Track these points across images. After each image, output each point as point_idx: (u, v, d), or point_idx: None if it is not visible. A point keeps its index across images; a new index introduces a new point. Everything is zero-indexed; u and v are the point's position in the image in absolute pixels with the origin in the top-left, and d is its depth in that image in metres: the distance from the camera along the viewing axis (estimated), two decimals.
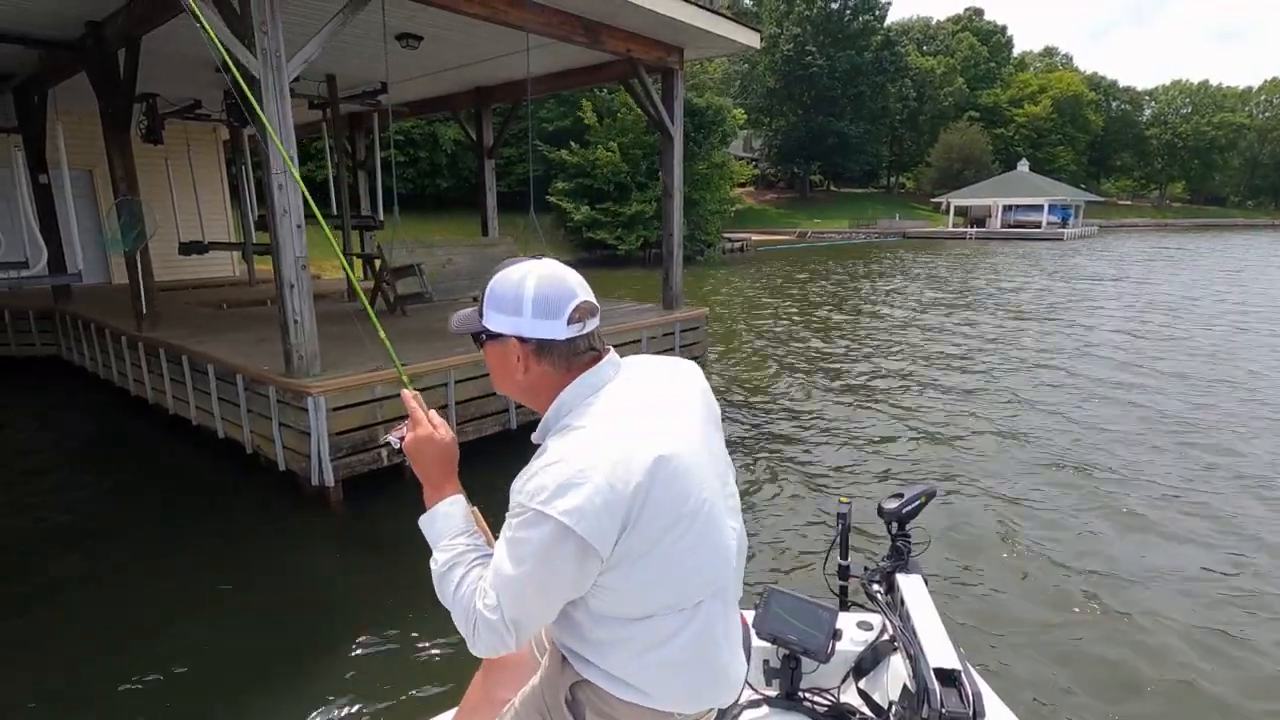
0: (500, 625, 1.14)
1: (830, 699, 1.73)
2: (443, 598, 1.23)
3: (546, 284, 1.19)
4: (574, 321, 1.19)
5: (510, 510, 1.13)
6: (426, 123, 25.76)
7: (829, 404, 7.74)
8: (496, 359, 1.25)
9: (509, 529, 1.13)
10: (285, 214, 4.93)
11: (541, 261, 1.23)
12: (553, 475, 1.08)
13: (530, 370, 1.22)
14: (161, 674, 3.27)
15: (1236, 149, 73.61)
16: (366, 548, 4.73)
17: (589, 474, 1.07)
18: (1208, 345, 10.62)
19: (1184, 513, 4.86)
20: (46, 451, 6.65)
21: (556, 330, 1.18)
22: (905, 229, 47.97)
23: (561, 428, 1.18)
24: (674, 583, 1.17)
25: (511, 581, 1.12)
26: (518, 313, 1.18)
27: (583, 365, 1.22)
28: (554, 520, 1.06)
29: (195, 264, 12.12)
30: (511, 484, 1.14)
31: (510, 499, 1.13)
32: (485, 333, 1.24)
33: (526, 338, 1.19)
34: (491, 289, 1.22)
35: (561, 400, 1.21)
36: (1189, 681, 3.14)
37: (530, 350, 1.20)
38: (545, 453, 1.14)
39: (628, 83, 8.25)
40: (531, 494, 1.09)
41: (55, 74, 7.58)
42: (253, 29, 4.65)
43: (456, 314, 1.31)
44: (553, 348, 1.20)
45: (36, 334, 9.54)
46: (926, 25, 69.36)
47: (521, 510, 1.10)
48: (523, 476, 1.14)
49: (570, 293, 1.19)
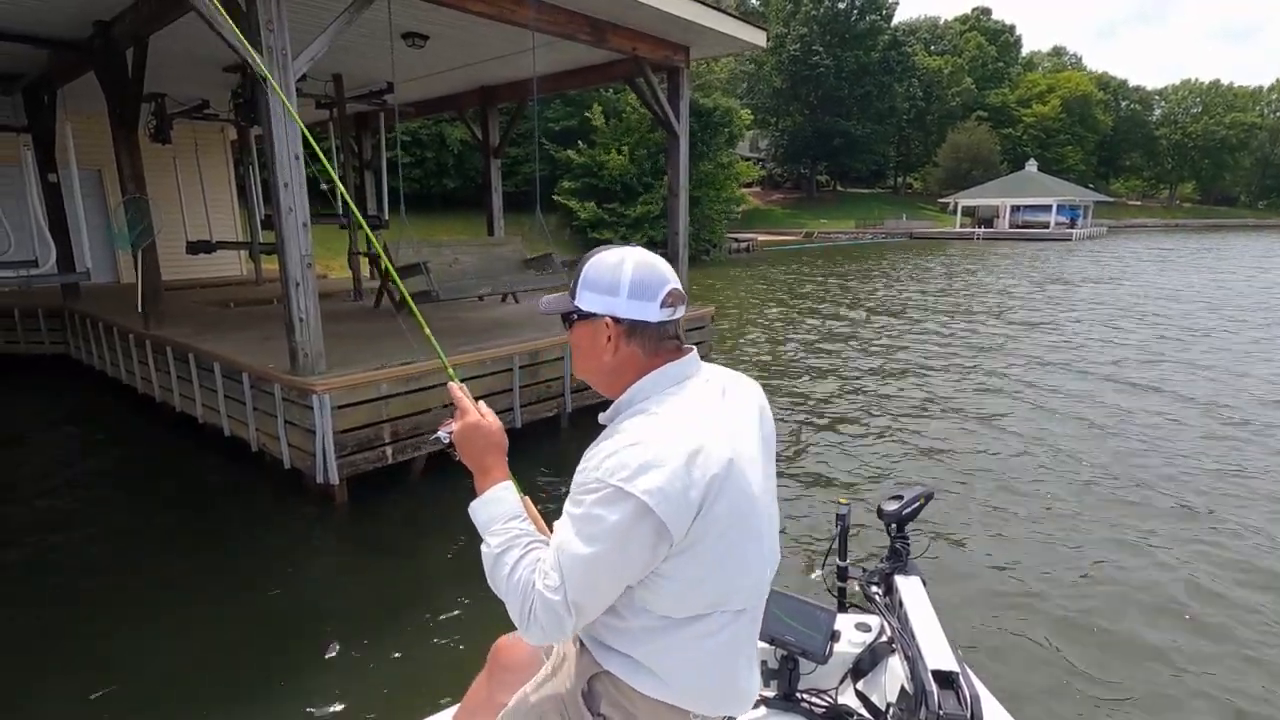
0: (561, 607, 1.12)
1: (828, 700, 1.73)
2: (495, 582, 1.22)
3: (643, 268, 1.22)
4: (666, 305, 1.21)
5: (580, 488, 1.13)
6: (433, 122, 25.80)
7: (830, 404, 7.73)
8: (586, 339, 1.27)
9: (579, 506, 1.12)
10: (291, 212, 4.95)
11: (636, 248, 1.27)
12: (635, 455, 1.09)
13: (619, 351, 1.24)
14: (165, 672, 3.29)
15: (1248, 149, 73.14)
16: (371, 546, 4.74)
17: (670, 458, 1.08)
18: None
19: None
20: (53, 449, 6.70)
21: (649, 312, 1.21)
22: (912, 229, 47.82)
23: (637, 411, 1.20)
24: (723, 583, 1.19)
25: (580, 561, 1.10)
26: (614, 293, 1.21)
27: (667, 352, 1.25)
28: (635, 498, 1.06)
29: (202, 263, 12.14)
30: (580, 464, 1.16)
31: (577, 477, 1.14)
32: (577, 312, 1.25)
33: (620, 318, 1.22)
34: (586, 271, 1.24)
35: (641, 385, 1.24)
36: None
37: (622, 331, 1.22)
38: (621, 433, 1.15)
39: (633, 82, 8.25)
40: (611, 470, 1.09)
41: (64, 74, 7.62)
42: (259, 28, 4.66)
43: (546, 298, 1.33)
44: (644, 330, 1.22)
45: (45, 332, 9.60)
46: (934, 25, 69.10)
47: (599, 486, 1.09)
48: (596, 454, 1.14)
49: (664, 278, 1.22)
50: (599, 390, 1.32)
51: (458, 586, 4.02)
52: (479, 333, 6.79)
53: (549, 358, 6.35)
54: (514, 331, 6.86)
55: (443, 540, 4.63)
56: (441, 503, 5.16)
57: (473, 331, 6.87)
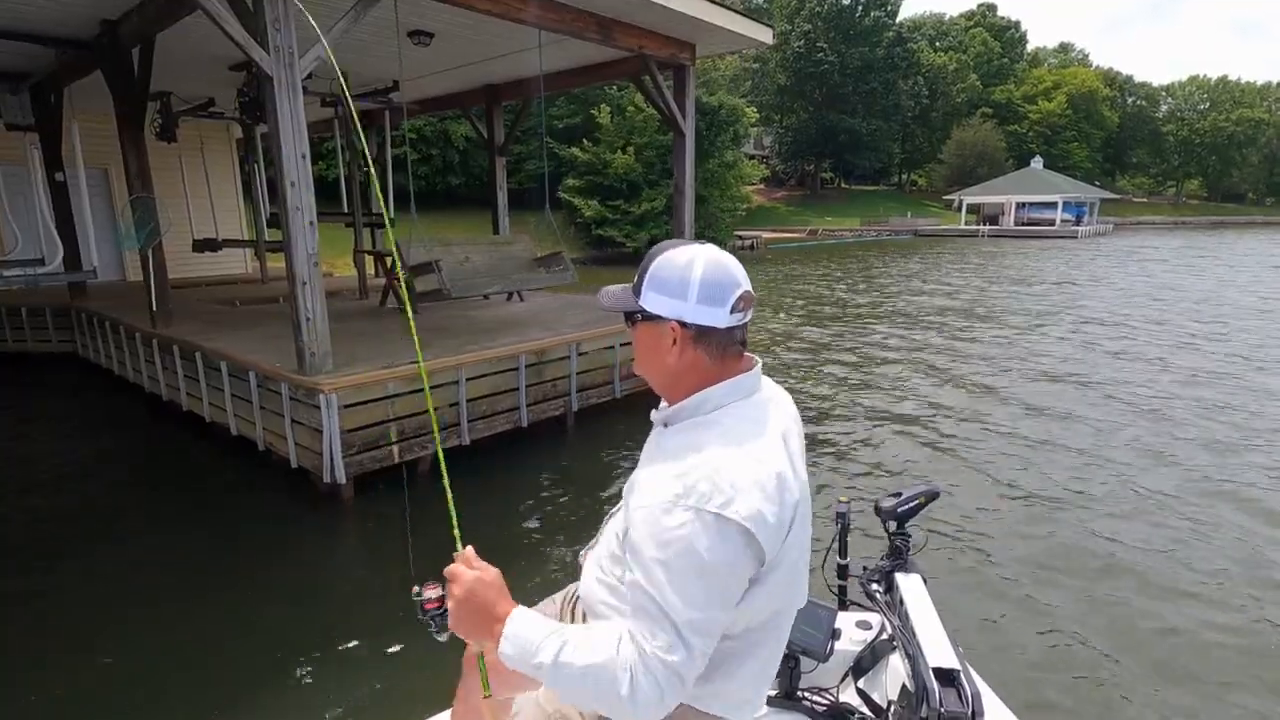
0: (684, 665, 1.00)
1: (829, 698, 1.74)
2: (569, 684, 1.06)
3: (714, 269, 1.15)
4: (736, 310, 1.16)
5: (662, 528, 1.02)
6: (438, 120, 25.84)
7: (830, 404, 7.73)
8: (649, 340, 1.20)
9: (670, 546, 1.01)
10: (298, 211, 4.97)
11: (706, 246, 1.19)
12: (726, 478, 1.03)
13: (684, 355, 1.17)
14: (169, 670, 3.32)
15: (1255, 145, 72.64)
16: (378, 545, 4.77)
17: (764, 481, 1.05)
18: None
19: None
20: (60, 447, 6.74)
21: (719, 318, 1.15)
22: (917, 227, 47.67)
23: (705, 422, 1.15)
24: (785, 603, 1.19)
25: (695, 604, 1.00)
26: (682, 297, 1.14)
27: (733, 358, 1.20)
28: (737, 524, 1.01)
29: (209, 261, 12.21)
30: (644, 492, 1.08)
31: (652, 512, 1.04)
32: (641, 313, 1.19)
33: (689, 323, 1.15)
34: (654, 270, 1.17)
35: (711, 394, 1.17)
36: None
37: (690, 335, 1.16)
38: (696, 451, 1.08)
39: (639, 79, 8.26)
40: (705, 496, 1.02)
41: (71, 73, 7.66)
42: (265, 26, 4.68)
43: (607, 290, 1.26)
44: (712, 335, 1.16)
45: (53, 330, 9.65)
46: (939, 21, 68.83)
47: (692, 517, 1.01)
48: (668, 481, 1.06)
49: (735, 281, 1.16)
50: (656, 390, 1.26)
51: None
52: (485, 331, 6.81)
53: (555, 357, 6.36)
54: (520, 330, 6.88)
55: (448, 539, 4.64)
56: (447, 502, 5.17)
57: (479, 330, 6.89)
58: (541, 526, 4.80)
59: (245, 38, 4.70)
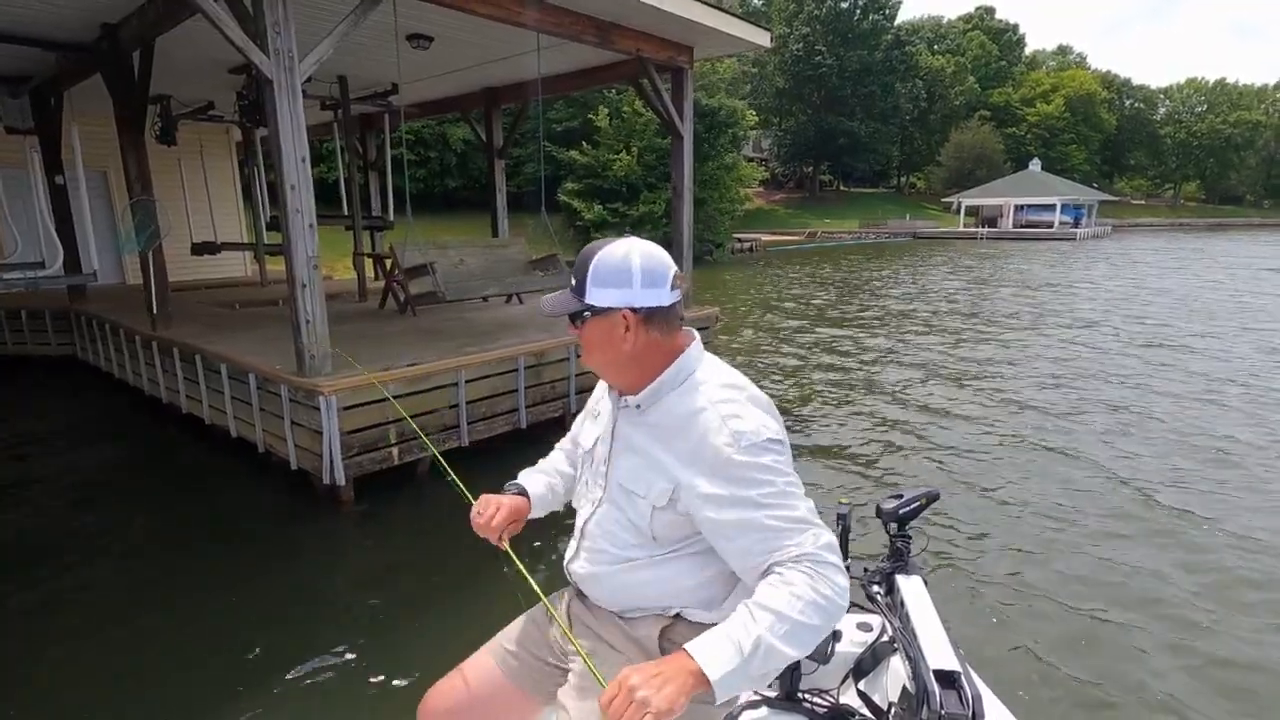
0: (825, 534, 1.21)
1: (830, 700, 1.74)
2: (797, 651, 1.10)
3: (649, 256, 1.28)
4: (675, 288, 1.29)
5: (739, 465, 1.20)
6: (436, 123, 25.89)
7: (829, 403, 7.74)
8: (600, 334, 1.31)
9: (754, 478, 1.19)
10: (297, 214, 4.98)
11: (632, 238, 1.31)
12: (752, 415, 1.24)
13: (639, 339, 1.29)
14: (167, 670, 3.32)
15: (1253, 147, 72.83)
16: (377, 546, 4.77)
17: (766, 408, 1.29)
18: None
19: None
20: (60, 449, 6.73)
21: (663, 297, 1.28)
22: (916, 229, 47.75)
23: (690, 386, 1.31)
24: None
25: (799, 499, 1.22)
26: (627, 285, 1.26)
27: (678, 331, 1.34)
28: (780, 440, 1.25)
29: (208, 264, 12.21)
30: (710, 442, 1.22)
31: (727, 454, 1.20)
32: (590, 309, 1.29)
33: (638, 307, 1.27)
34: (595, 267, 1.27)
35: (680, 366, 1.32)
36: None
37: (640, 319, 1.28)
38: (709, 409, 1.25)
39: (638, 83, 8.27)
40: (757, 431, 1.22)
41: (71, 76, 7.66)
42: (265, 30, 4.69)
43: (546, 299, 1.38)
44: (659, 314, 1.29)
45: (52, 333, 9.64)
46: (937, 24, 68.99)
47: (761, 448, 1.21)
48: (714, 433, 1.22)
49: (667, 262, 1.30)
50: (612, 380, 1.38)
51: (462, 586, 4.05)
52: (484, 334, 6.82)
53: (554, 358, 6.37)
54: (519, 332, 6.88)
55: (448, 540, 4.66)
56: (446, 503, 5.17)
57: (478, 333, 6.90)
58: (540, 528, 4.79)
59: (245, 41, 4.70)
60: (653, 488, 1.31)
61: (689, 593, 1.37)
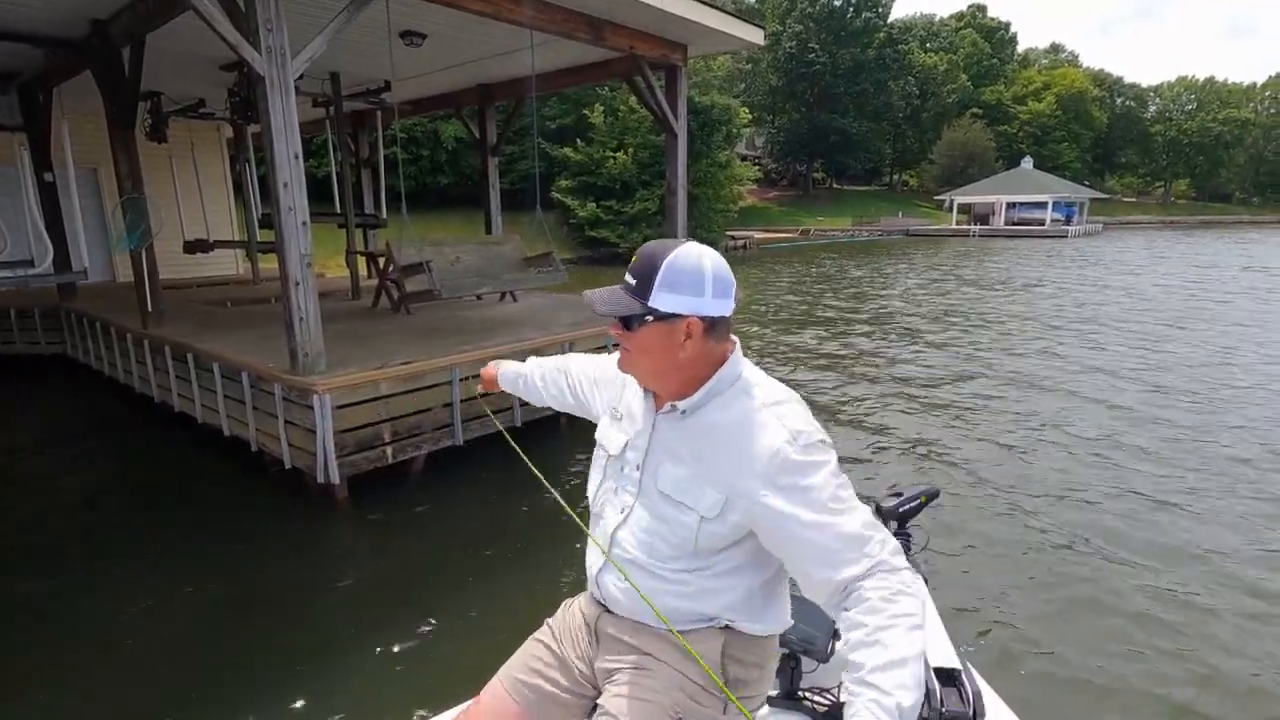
0: (891, 540, 1.17)
1: (830, 698, 1.74)
2: (918, 642, 1.08)
3: (720, 265, 1.25)
4: (736, 299, 1.28)
5: (799, 474, 1.17)
6: (428, 120, 25.75)
7: (827, 404, 7.75)
8: (657, 339, 1.25)
9: (824, 472, 1.17)
10: (290, 211, 4.94)
11: (700, 244, 1.28)
12: (803, 418, 1.23)
13: (695, 348, 1.25)
14: (160, 674, 3.30)
15: (1242, 145, 73.27)
16: (371, 545, 4.75)
17: (809, 415, 1.26)
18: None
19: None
20: (51, 449, 6.69)
21: (728, 308, 1.26)
22: (908, 226, 47.89)
23: (745, 386, 1.29)
24: None
25: (858, 507, 1.18)
26: (699, 293, 1.22)
27: (727, 339, 1.31)
28: (830, 443, 1.23)
29: (200, 262, 12.12)
30: (757, 455, 1.19)
31: (783, 450, 1.18)
32: (652, 314, 1.23)
33: (705, 316, 1.23)
34: (666, 271, 1.21)
35: (726, 373, 1.29)
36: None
37: (705, 328, 1.24)
38: (764, 411, 1.23)
39: (631, 80, 8.25)
40: (809, 433, 1.20)
41: (60, 72, 7.59)
42: (258, 26, 4.66)
43: (597, 295, 1.30)
44: (720, 325, 1.26)
45: (42, 332, 9.57)
46: (930, 22, 69.09)
47: (813, 449, 1.19)
48: (774, 436, 1.19)
49: (731, 272, 1.27)
50: (653, 386, 1.34)
51: (457, 585, 4.04)
52: (479, 331, 6.80)
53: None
54: (513, 330, 6.86)
55: (442, 539, 4.64)
56: (441, 502, 5.17)
57: (472, 330, 6.88)
58: (538, 528, 4.79)
59: (237, 38, 4.67)
60: (703, 499, 1.25)
61: (736, 605, 1.32)
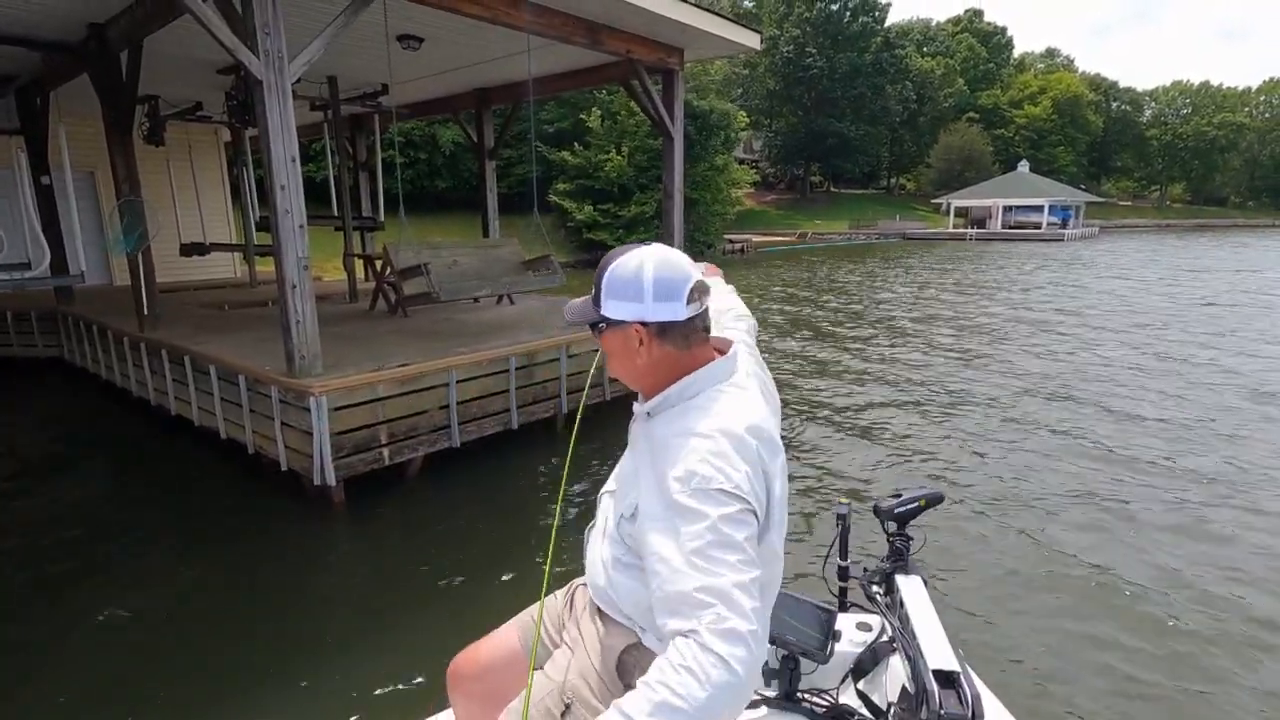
0: (745, 624, 0.98)
1: (829, 700, 1.74)
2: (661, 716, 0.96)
3: (663, 268, 1.22)
4: (692, 302, 1.22)
5: (683, 507, 1.07)
6: (426, 123, 25.76)
7: (825, 404, 7.75)
8: (618, 345, 1.27)
9: (699, 520, 1.04)
10: (287, 214, 4.95)
11: (654, 247, 1.27)
12: (721, 457, 1.10)
13: (653, 352, 1.24)
14: (157, 674, 3.29)
15: (1237, 149, 73.57)
16: (368, 547, 4.74)
17: (751, 454, 1.13)
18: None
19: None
20: (47, 453, 6.67)
21: (677, 312, 1.22)
22: (905, 230, 47.97)
23: (694, 406, 1.21)
24: (776, 553, 1.24)
25: (729, 568, 1.02)
26: (639, 299, 1.21)
27: (702, 344, 1.26)
28: (739, 496, 1.08)
29: (197, 265, 12.13)
30: (662, 473, 1.12)
31: (672, 488, 1.09)
32: (604, 321, 1.26)
33: (649, 321, 1.22)
34: (608, 278, 1.24)
35: (693, 380, 1.23)
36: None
37: (652, 333, 1.23)
38: (689, 437, 1.14)
39: (628, 84, 8.27)
40: (707, 478, 1.08)
41: (58, 76, 7.59)
42: (255, 30, 4.66)
43: (570, 305, 1.32)
44: (674, 329, 1.23)
45: (39, 335, 9.55)
46: (926, 27, 69.33)
47: (713, 496, 1.06)
48: (679, 464, 1.10)
49: (685, 275, 1.23)
50: (634, 388, 1.33)
51: (455, 586, 4.03)
52: (476, 334, 6.80)
53: (545, 359, 6.35)
54: (510, 333, 6.86)
55: (439, 540, 4.63)
56: (438, 503, 5.16)
57: (469, 333, 6.87)
58: (535, 529, 4.78)
59: (234, 42, 4.67)
60: (626, 496, 1.29)
61: (643, 612, 1.29)
